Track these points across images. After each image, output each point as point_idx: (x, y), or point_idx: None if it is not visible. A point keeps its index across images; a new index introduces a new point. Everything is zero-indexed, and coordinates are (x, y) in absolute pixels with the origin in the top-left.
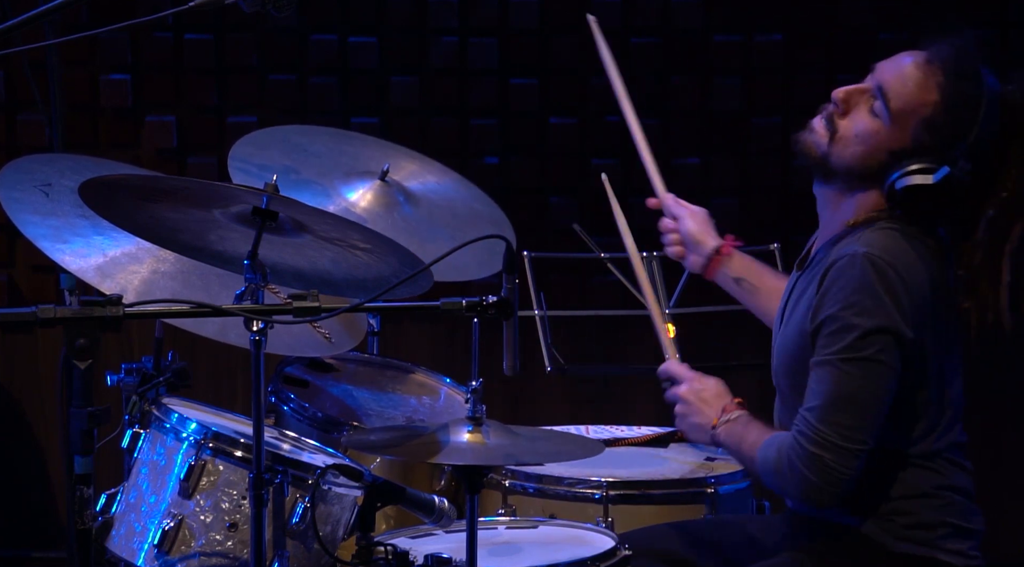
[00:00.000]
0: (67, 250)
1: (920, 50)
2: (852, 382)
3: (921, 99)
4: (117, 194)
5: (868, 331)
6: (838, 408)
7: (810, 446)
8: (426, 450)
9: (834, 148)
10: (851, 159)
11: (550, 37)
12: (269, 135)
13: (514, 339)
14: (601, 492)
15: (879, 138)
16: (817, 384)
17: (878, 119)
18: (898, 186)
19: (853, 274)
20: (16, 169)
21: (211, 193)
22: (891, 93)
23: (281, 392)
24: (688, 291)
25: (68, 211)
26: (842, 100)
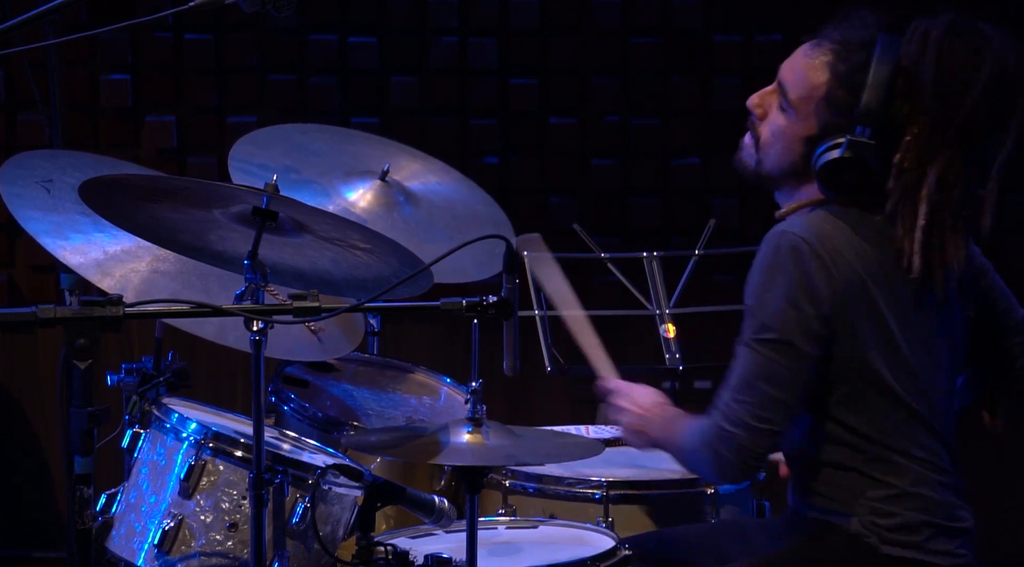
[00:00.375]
0: (68, 246)
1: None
2: (761, 363)
3: (813, 82)
4: (117, 194)
5: (775, 311)
6: (749, 388)
7: (724, 424)
8: (426, 450)
9: (761, 154)
10: (776, 158)
11: (550, 37)
12: (269, 134)
13: (514, 339)
14: (601, 492)
15: (791, 131)
16: (734, 364)
17: (785, 113)
18: (816, 168)
19: (765, 254)
20: (17, 165)
21: (211, 193)
22: (787, 85)
23: (281, 392)
24: (688, 291)
25: (69, 208)
26: (756, 105)
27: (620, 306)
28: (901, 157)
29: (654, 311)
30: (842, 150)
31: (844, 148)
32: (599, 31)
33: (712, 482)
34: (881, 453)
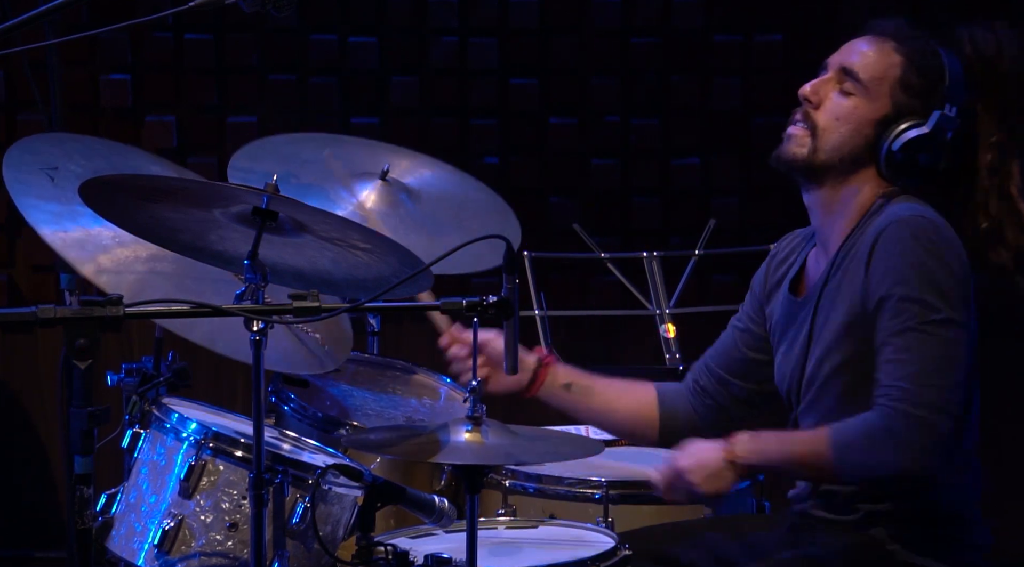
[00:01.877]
0: (66, 237)
1: (878, 30)
2: (941, 345)
3: (886, 63)
4: (117, 194)
5: (941, 291)
6: (935, 371)
7: (916, 410)
8: (425, 450)
9: (819, 142)
10: (839, 142)
11: (550, 37)
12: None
13: (514, 339)
14: (601, 492)
15: (861, 112)
16: (904, 353)
17: (854, 96)
18: (895, 146)
19: (905, 241)
20: (23, 149)
21: (211, 193)
22: (858, 67)
23: (281, 392)
24: (688, 291)
25: (72, 197)
26: (811, 93)
27: (620, 306)
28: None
29: (654, 311)
30: (931, 124)
31: (933, 122)
32: (599, 31)
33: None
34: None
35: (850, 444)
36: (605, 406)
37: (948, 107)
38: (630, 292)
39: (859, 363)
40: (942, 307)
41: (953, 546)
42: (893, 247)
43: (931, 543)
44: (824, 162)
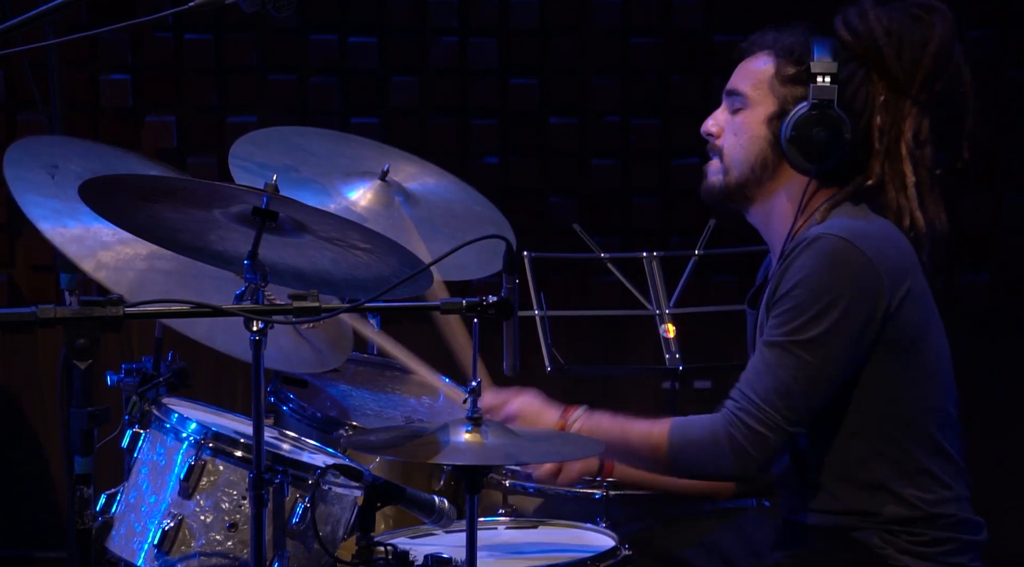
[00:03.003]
0: (66, 234)
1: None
2: (801, 366)
3: (760, 69)
4: (117, 194)
5: (822, 311)
6: (788, 392)
7: (757, 425)
8: (425, 450)
9: (727, 163)
10: (744, 155)
11: (550, 37)
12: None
13: (514, 339)
14: (601, 492)
15: (751, 119)
16: (764, 364)
17: (742, 110)
18: (788, 133)
19: (808, 255)
20: (23, 150)
21: (211, 193)
22: (737, 83)
23: (281, 392)
24: (688, 291)
25: (71, 195)
26: (710, 126)
27: (620, 306)
28: (879, 118)
29: (654, 311)
30: (809, 102)
31: (810, 98)
32: (599, 31)
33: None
34: (912, 466)
35: (687, 444)
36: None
37: (821, 78)
38: (630, 292)
39: None
40: (813, 329)
41: (946, 548)
42: (795, 260)
43: (924, 546)
44: (739, 179)
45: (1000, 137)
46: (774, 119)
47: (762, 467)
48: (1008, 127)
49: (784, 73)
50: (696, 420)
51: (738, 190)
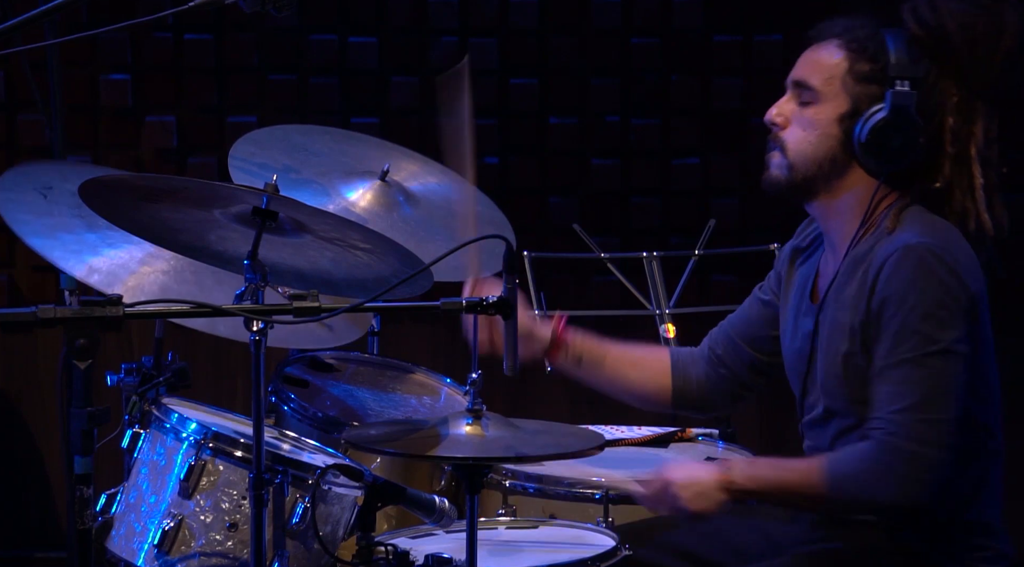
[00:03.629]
0: (58, 247)
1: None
2: (938, 377)
3: (832, 62)
4: (117, 195)
5: (940, 321)
6: (932, 404)
7: (911, 444)
8: (425, 444)
9: (793, 156)
10: (811, 152)
11: (550, 37)
12: (269, 134)
13: (514, 339)
14: (601, 492)
15: (822, 116)
16: (900, 385)
17: (811, 105)
18: (863, 136)
19: (909, 269)
20: (17, 174)
21: (211, 193)
22: (807, 75)
23: (281, 392)
24: (688, 291)
25: (64, 211)
26: (775, 115)
27: (620, 306)
28: (952, 119)
29: (654, 311)
30: (887, 107)
31: (888, 103)
32: (599, 31)
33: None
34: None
35: (844, 477)
36: (616, 377)
37: (900, 82)
38: (630, 292)
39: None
40: (941, 338)
41: (978, 554)
42: (896, 275)
43: (958, 550)
44: (805, 176)
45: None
46: (846, 118)
47: (924, 487)
48: (1008, 127)
49: (859, 70)
50: (849, 453)
51: (803, 185)
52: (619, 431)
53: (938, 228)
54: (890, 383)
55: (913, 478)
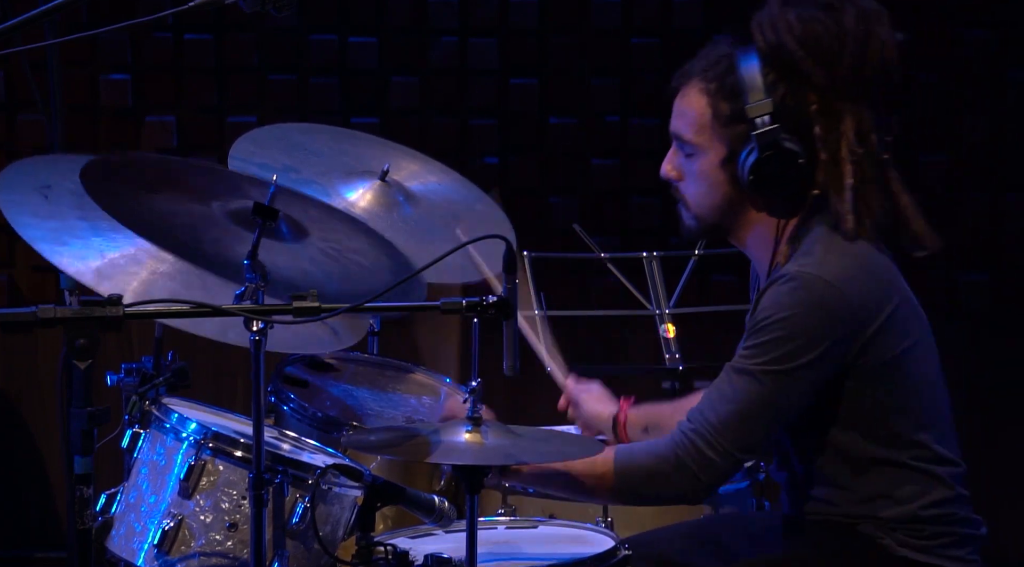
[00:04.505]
0: (65, 252)
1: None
2: (765, 396)
3: (697, 110)
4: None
5: (795, 350)
6: (748, 420)
7: (708, 450)
8: (425, 450)
9: (695, 208)
10: (707, 201)
11: (550, 37)
12: (269, 133)
13: (514, 339)
14: None
15: (706, 166)
16: (727, 388)
17: (693, 156)
18: (746, 180)
19: (787, 292)
20: (16, 172)
21: (214, 181)
22: (680, 129)
23: (281, 392)
24: (688, 291)
25: (67, 213)
26: (668, 172)
27: (620, 306)
28: (818, 127)
29: (654, 311)
30: (756, 149)
31: (756, 146)
32: (599, 31)
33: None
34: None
35: (635, 471)
36: None
37: (759, 118)
38: (630, 292)
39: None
40: (788, 363)
41: (944, 541)
42: (774, 295)
43: (923, 539)
44: (709, 223)
45: (1000, 137)
46: (727, 162)
47: (708, 490)
48: (1008, 127)
49: (722, 113)
50: (642, 448)
51: (714, 230)
52: None
53: (832, 251)
54: (722, 384)
55: (698, 481)
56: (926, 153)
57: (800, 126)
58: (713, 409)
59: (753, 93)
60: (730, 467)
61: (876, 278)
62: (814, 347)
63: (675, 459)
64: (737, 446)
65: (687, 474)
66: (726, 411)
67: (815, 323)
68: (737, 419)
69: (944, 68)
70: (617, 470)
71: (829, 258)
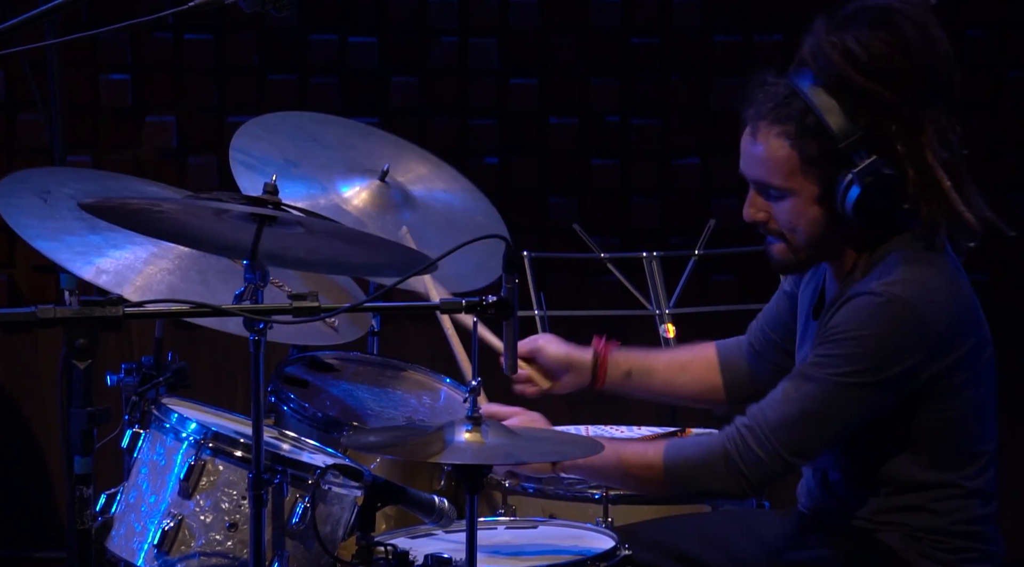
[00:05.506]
0: (64, 249)
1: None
2: (828, 405)
3: (782, 157)
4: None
5: (869, 367)
6: (804, 424)
7: (757, 448)
8: (425, 449)
9: (795, 247)
10: (807, 238)
11: (550, 37)
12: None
13: (514, 339)
14: (601, 492)
15: (800, 207)
16: (792, 391)
17: (783, 199)
18: (851, 214)
19: (859, 311)
20: (14, 180)
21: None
22: (766, 177)
23: (281, 392)
24: (688, 291)
25: (65, 214)
26: (754, 217)
27: (620, 306)
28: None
29: (654, 311)
30: (857, 184)
31: (857, 180)
32: (599, 31)
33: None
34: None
35: (683, 463)
36: (667, 384)
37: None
38: (630, 292)
39: None
40: (859, 377)
41: (967, 556)
42: (848, 312)
43: (945, 552)
44: (810, 255)
45: (1000, 137)
46: (823, 198)
47: (754, 490)
48: (1008, 127)
49: (810, 155)
50: (692, 437)
51: (811, 261)
52: (619, 431)
53: (918, 271)
54: (788, 386)
55: (745, 479)
56: None
57: (884, 148)
58: (773, 408)
59: (839, 129)
60: (777, 468)
61: (961, 304)
62: (887, 369)
63: (723, 453)
64: (788, 449)
65: (734, 470)
66: (784, 412)
67: (893, 347)
68: (794, 422)
69: None
70: (667, 461)
71: (915, 278)
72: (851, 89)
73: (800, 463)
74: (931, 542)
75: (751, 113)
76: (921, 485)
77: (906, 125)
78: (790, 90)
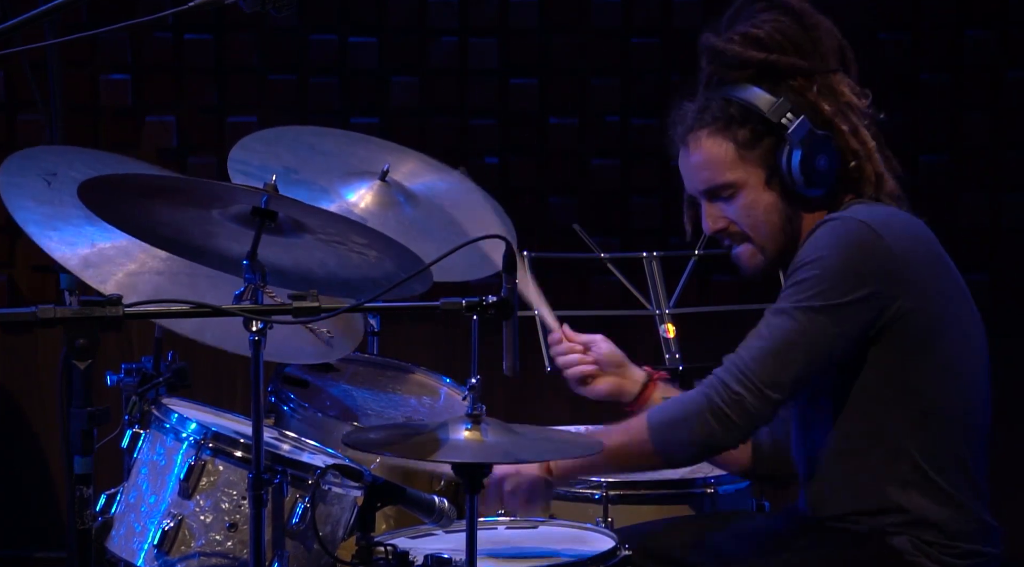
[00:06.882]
0: (54, 236)
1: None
2: (798, 332)
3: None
4: (116, 194)
5: (835, 287)
6: (777, 353)
7: (736, 386)
8: (424, 448)
9: (758, 241)
10: (769, 227)
11: (550, 37)
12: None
13: (514, 339)
14: (601, 492)
15: (752, 194)
16: (763, 329)
17: (734, 197)
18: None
19: (829, 234)
20: (23, 157)
21: (210, 192)
22: (708, 179)
23: (281, 392)
24: (688, 291)
25: (66, 200)
26: (714, 227)
27: (620, 306)
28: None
29: (654, 311)
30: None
31: (792, 145)
32: (599, 31)
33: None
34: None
35: (667, 420)
36: None
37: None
38: (630, 292)
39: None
40: (826, 299)
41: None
42: (816, 239)
43: (956, 558)
44: (778, 247)
45: (1000, 137)
46: (771, 178)
47: (741, 432)
48: (1008, 127)
49: (743, 139)
50: (672, 399)
51: (781, 256)
52: None
53: (873, 208)
54: (759, 326)
55: (729, 420)
56: (927, 153)
57: (811, 111)
58: (746, 348)
59: (762, 102)
60: (760, 404)
61: (924, 239)
62: (851, 288)
63: (705, 400)
64: (765, 381)
65: (717, 412)
66: (757, 347)
67: (853, 263)
68: (767, 354)
69: (944, 68)
70: (651, 425)
71: (873, 210)
72: (761, 67)
73: (779, 396)
74: (941, 547)
75: (678, 133)
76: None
77: (824, 87)
78: (705, 98)
